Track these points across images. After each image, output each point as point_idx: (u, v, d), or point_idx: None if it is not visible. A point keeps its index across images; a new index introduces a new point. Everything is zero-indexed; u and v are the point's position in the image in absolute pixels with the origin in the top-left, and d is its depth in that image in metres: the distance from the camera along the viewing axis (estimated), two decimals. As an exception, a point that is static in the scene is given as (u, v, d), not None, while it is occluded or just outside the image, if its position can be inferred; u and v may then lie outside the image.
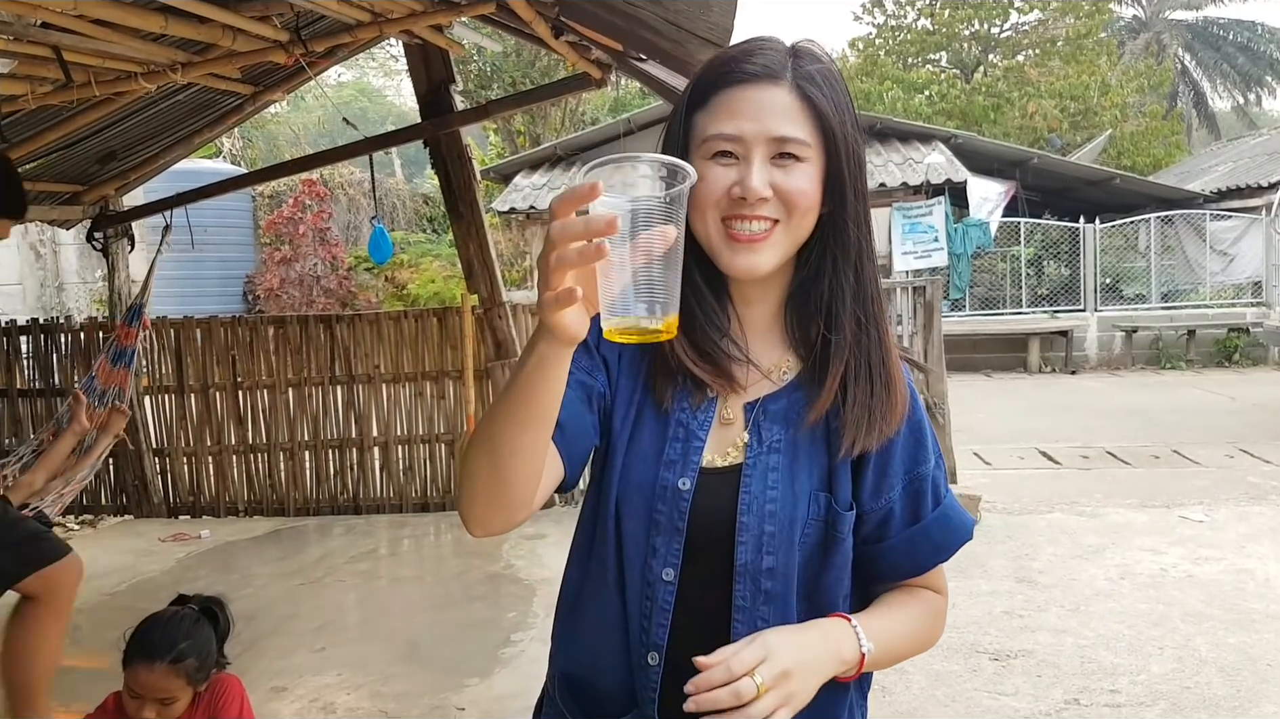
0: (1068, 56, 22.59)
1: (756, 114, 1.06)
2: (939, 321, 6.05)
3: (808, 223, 1.10)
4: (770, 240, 1.08)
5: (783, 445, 1.12)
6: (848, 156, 1.09)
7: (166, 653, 2.21)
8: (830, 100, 1.08)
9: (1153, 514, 5.84)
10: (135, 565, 5.48)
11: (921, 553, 1.18)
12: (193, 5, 2.69)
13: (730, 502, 1.11)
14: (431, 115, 5.38)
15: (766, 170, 1.06)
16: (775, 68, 1.07)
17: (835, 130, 1.08)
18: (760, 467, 1.11)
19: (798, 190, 1.07)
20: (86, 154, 5.48)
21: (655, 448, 1.13)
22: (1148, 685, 3.60)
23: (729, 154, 1.07)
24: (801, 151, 1.07)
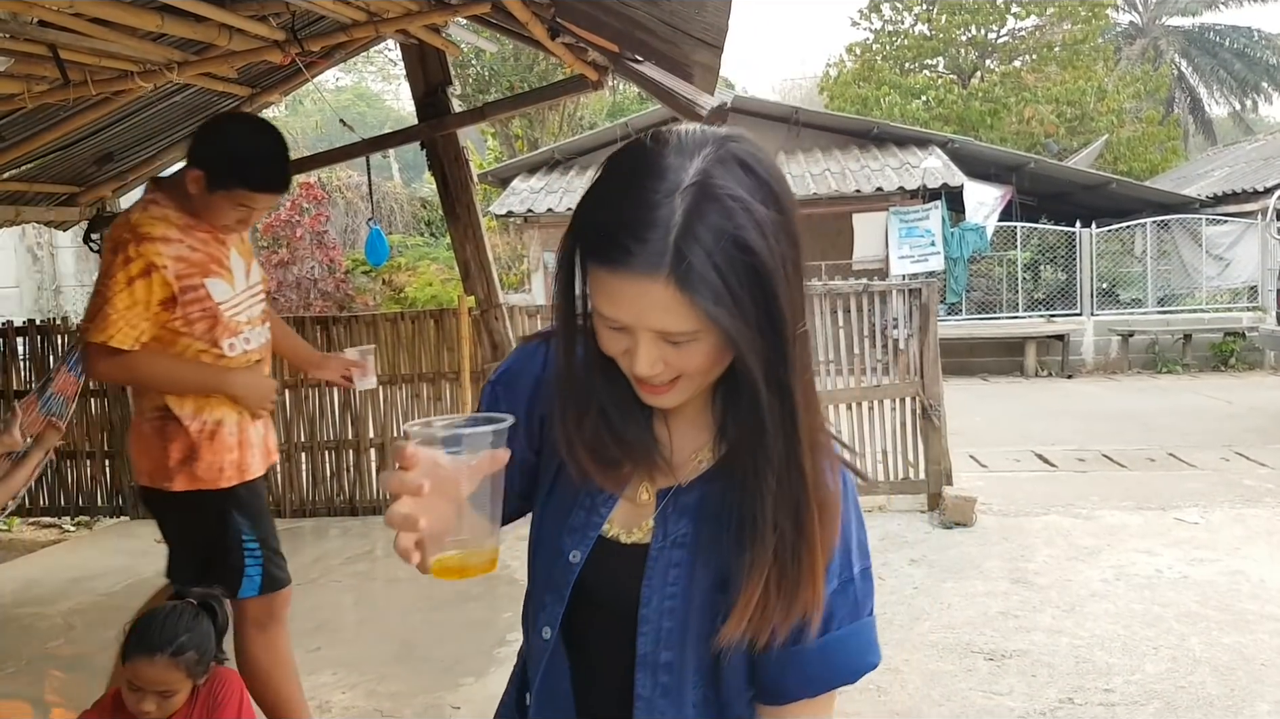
0: (1064, 62, 22.66)
1: (634, 307, 0.94)
2: (935, 324, 6.06)
3: (715, 373, 1.02)
4: (675, 388, 1.01)
5: (687, 541, 1.08)
6: (749, 341, 0.94)
7: (167, 646, 2.21)
8: (714, 290, 0.91)
9: (1148, 516, 5.85)
10: (132, 566, 5.48)
11: (790, 678, 1.09)
12: (189, 4, 2.70)
13: (632, 579, 1.10)
14: (428, 117, 5.38)
15: (656, 349, 0.97)
16: (654, 258, 0.90)
17: (725, 323, 0.92)
18: (663, 561, 1.09)
19: (690, 364, 0.98)
20: (83, 155, 5.48)
21: (564, 509, 1.14)
22: (1142, 685, 3.61)
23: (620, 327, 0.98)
24: (690, 338, 0.96)
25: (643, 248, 0.90)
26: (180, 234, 2.52)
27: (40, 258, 14.16)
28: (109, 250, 2.50)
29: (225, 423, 2.67)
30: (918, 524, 5.82)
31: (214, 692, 2.35)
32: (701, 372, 1.00)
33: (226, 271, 2.62)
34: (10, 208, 5.59)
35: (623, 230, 0.91)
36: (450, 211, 5.68)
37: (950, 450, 6.21)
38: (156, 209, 2.53)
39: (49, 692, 3.79)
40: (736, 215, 0.91)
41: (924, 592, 4.68)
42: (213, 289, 2.57)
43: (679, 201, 0.90)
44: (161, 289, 2.48)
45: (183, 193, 2.54)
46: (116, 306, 2.44)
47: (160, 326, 2.52)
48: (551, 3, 3.47)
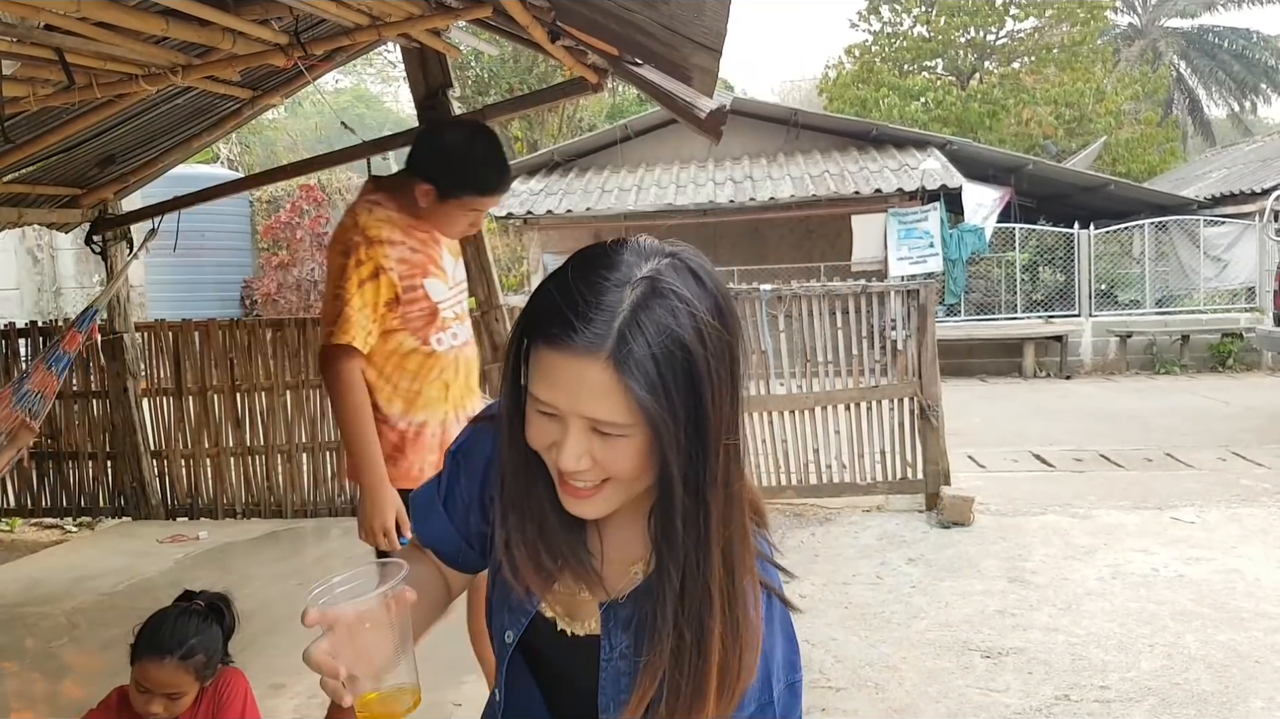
0: (1063, 64, 22.71)
1: (570, 389, 0.95)
2: (932, 325, 6.09)
3: (640, 483, 1.01)
4: (601, 495, 1.01)
5: (630, 653, 1.10)
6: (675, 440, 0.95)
7: (176, 649, 2.25)
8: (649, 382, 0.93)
9: (1145, 516, 5.88)
10: (133, 567, 5.50)
11: None
12: (193, 8, 2.73)
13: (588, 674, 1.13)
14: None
15: (584, 441, 0.97)
16: (596, 340, 0.93)
17: (655, 418, 0.94)
18: (612, 671, 1.12)
19: (617, 463, 0.98)
20: (86, 157, 5.51)
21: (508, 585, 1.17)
22: (1137, 682, 3.64)
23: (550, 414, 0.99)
24: (620, 431, 0.96)
25: (587, 327, 0.93)
26: (403, 235, 2.58)
27: (40, 260, 14.18)
28: (338, 253, 2.55)
29: (429, 425, 2.71)
30: (916, 523, 5.85)
31: (220, 692, 2.38)
32: (627, 476, 0.99)
33: (441, 270, 2.68)
34: (13, 210, 5.62)
35: (571, 309, 0.94)
36: (450, 213, 5.70)
37: (948, 450, 6.25)
38: (381, 211, 2.58)
39: (52, 691, 3.82)
40: (680, 315, 0.94)
41: (921, 590, 4.71)
42: (431, 289, 2.62)
43: (628, 292, 0.94)
44: (388, 290, 2.53)
45: (405, 194, 2.59)
46: (353, 307, 2.49)
47: (381, 327, 2.58)
48: (551, 6, 3.50)
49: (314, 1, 2.72)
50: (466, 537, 1.24)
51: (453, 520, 1.23)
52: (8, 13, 2.49)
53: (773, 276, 12.40)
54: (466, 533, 1.23)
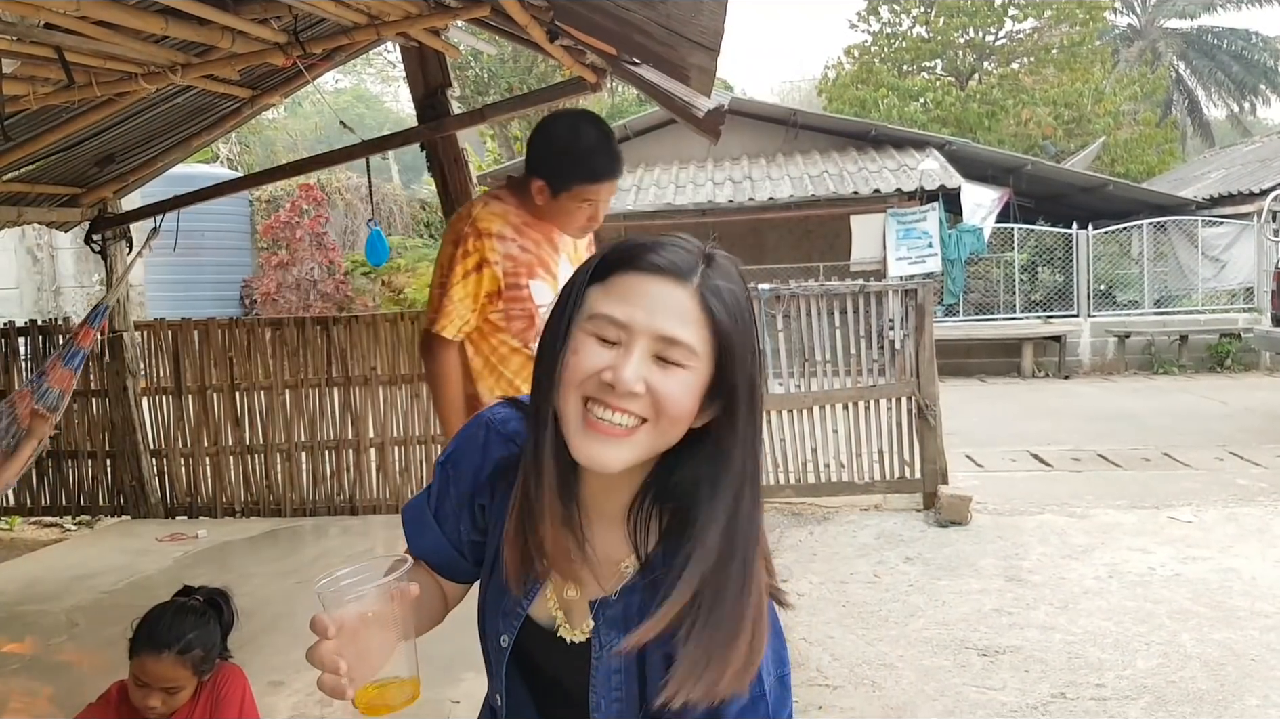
0: (1062, 64, 22.72)
1: (651, 306, 1.00)
2: (930, 324, 6.10)
3: (676, 431, 1.03)
4: (631, 439, 1.02)
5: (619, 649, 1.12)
6: (741, 376, 1.02)
7: (174, 643, 2.26)
8: (731, 315, 1.01)
9: (1142, 515, 5.90)
10: (133, 565, 5.51)
11: None
12: (193, 7, 2.74)
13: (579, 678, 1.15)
14: (428, 119, 5.42)
15: (644, 366, 1.00)
16: (684, 268, 1.01)
17: (729, 345, 1.01)
18: (604, 668, 1.14)
19: (671, 395, 1.00)
20: (85, 157, 5.52)
21: (499, 592, 1.20)
22: (1133, 680, 3.65)
23: (610, 340, 1.01)
24: (686, 359, 1.00)
25: (675, 259, 1.02)
26: (515, 233, 2.59)
27: (40, 259, 14.19)
28: (449, 243, 2.58)
29: None
30: (914, 523, 5.86)
31: (218, 688, 2.39)
32: (674, 413, 1.01)
33: (551, 277, 2.67)
34: (12, 209, 5.63)
35: (658, 246, 1.03)
36: (450, 213, 5.72)
37: (947, 450, 6.26)
38: (497, 205, 2.60)
39: (52, 688, 3.83)
40: (736, 280, 1.05)
41: (919, 589, 4.72)
42: (535, 291, 2.63)
43: (699, 249, 1.05)
44: (490, 283, 2.55)
45: (525, 193, 2.60)
46: (453, 298, 2.53)
47: (483, 319, 2.60)
48: (549, 6, 3.51)
49: (313, 0, 2.73)
50: (458, 546, 1.25)
51: (444, 531, 1.25)
52: (8, 11, 2.50)
53: (771, 276, 12.40)
54: (458, 543, 1.25)
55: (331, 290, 15.05)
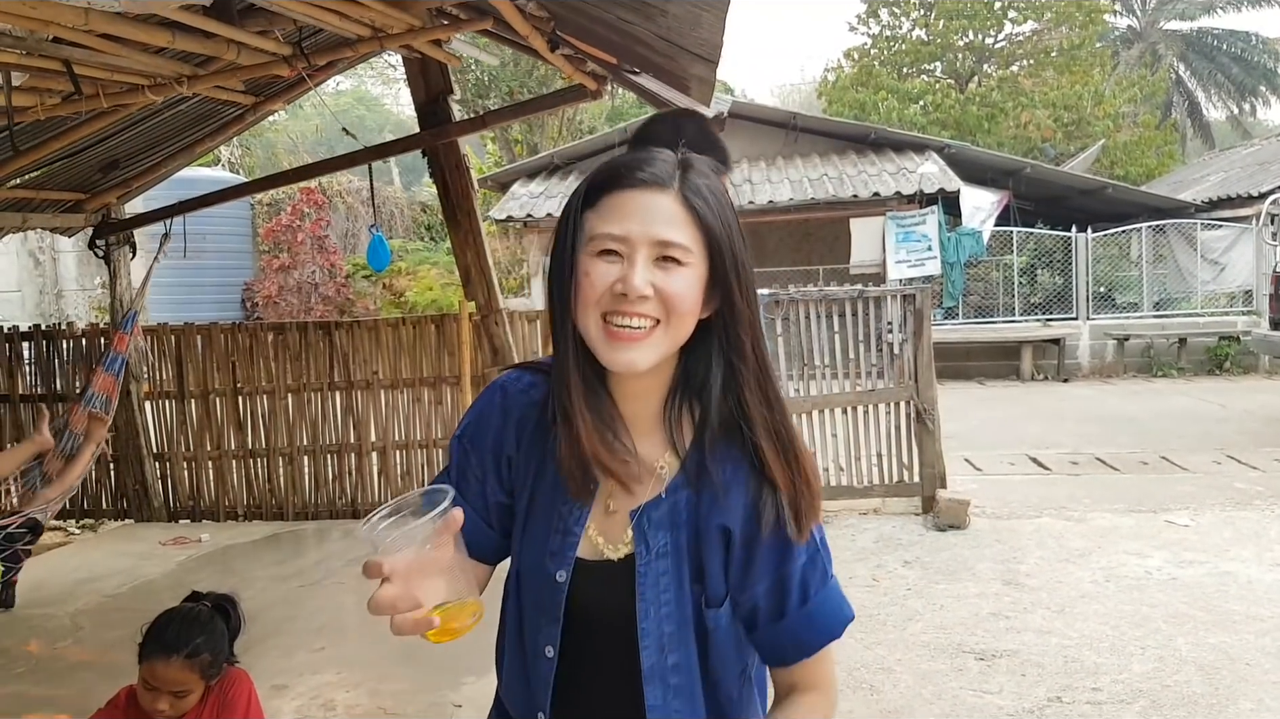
0: (1061, 67, 22.75)
1: (643, 217, 1.11)
2: (929, 329, 6.14)
3: (687, 325, 1.14)
4: (650, 339, 1.12)
5: (669, 549, 1.18)
6: (731, 263, 1.13)
7: (183, 648, 2.30)
8: (714, 211, 1.13)
9: (1139, 519, 5.93)
10: (136, 568, 5.55)
11: (785, 649, 1.22)
12: (198, 21, 2.78)
13: (624, 594, 1.19)
14: (429, 125, 5.46)
15: (649, 270, 1.11)
16: (663, 177, 1.12)
17: (718, 238, 1.13)
18: (652, 573, 1.18)
19: (676, 293, 1.11)
20: (89, 163, 5.57)
21: (542, 535, 1.23)
22: (1129, 684, 3.68)
23: (614, 253, 1.12)
24: (683, 256, 1.11)
25: (655, 170, 1.13)
26: None
27: (42, 262, 14.24)
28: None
29: None
30: (912, 526, 5.89)
31: (225, 691, 2.42)
32: (681, 309, 1.12)
33: None
34: (17, 214, 5.68)
35: (637, 163, 1.14)
36: (451, 218, 5.76)
37: (945, 454, 6.29)
38: None
39: (58, 692, 3.86)
40: (711, 177, 1.16)
41: (917, 593, 4.76)
42: None
43: (675, 158, 1.15)
44: None
45: None
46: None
47: None
48: (551, 16, 3.55)
49: (317, 15, 2.77)
50: (485, 516, 1.28)
51: (469, 500, 1.26)
52: (18, 26, 2.53)
53: (771, 279, 12.43)
54: (484, 512, 1.28)
55: (333, 293, 15.09)
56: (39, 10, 2.37)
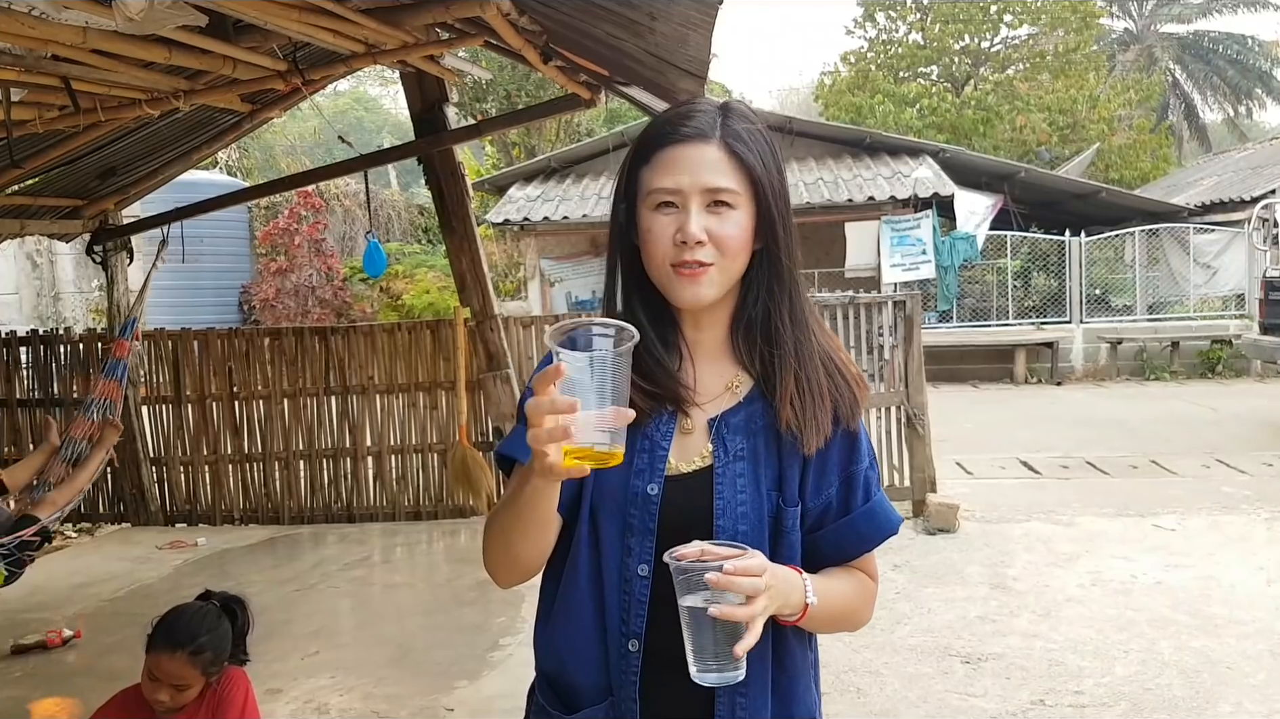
0: (1057, 71, 22.82)
1: (692, 169, 1.23)
2: (919, 335, 6.20)
3: (741, 261, 1.27)
4: (708, 275, 1.25)
5: (746, 453, 1.28)
6: (775, 199, 1.27)
7: (187, 643, 2.38)
8: (755, 153, 1.25)
9: (1127, 523, 5.99)
10: (133, 572, 5.60)
11: (849, 542, 1.34)
12: (194, 39, 2.83)
13: (702, 503, 1.27)
14: (426, 133, 5.52)
15: (702, 217, 1.23)
16: (706, 129, 1.25)
17: (761, 179, 1.25)
18: (729, 474, 1.27)
19: (729, 236, 1.24)
20: (87, 170, 5.62)
21: (625, 458, 1.24)
22: (1111, 687, 3.74)
23: (670, 204, 1.24)
24: (733, 199, 1.24)
25: (698, 124, 1.25)
26: None
27: (40, 265, 14.26)
28: None
29: None
30: (902, 530, 5.91)
31: (223, 689, 2.49)
32: (733, 252, 1.24)
33: None
34: (15, 221, 5.72)
35: (681, 118, 1.27)
36: (447, 225, 5.83)
37: (937, 457, 6.35)
38: None
39: (57, 694, 3.91)
40: (752, 119, 1.29)
41: (905, 596, 4.81)
42: None
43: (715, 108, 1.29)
44: None
45: None
46: None
47: None
48: (543, 30, 3.61)
49: (311, 33, 2.82)
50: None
51: None
52: (18, 45, 2.59)
53: (766, 283, 12.47)
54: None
55: (330, 297, 15.13)
56: (38, 30, 2.42)
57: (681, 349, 1.33)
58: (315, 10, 2.76)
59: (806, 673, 1.37)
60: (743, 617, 1.13)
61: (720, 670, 1.16)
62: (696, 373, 1.32)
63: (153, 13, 2.31)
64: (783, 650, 1.31)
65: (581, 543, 1.30)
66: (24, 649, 4.31)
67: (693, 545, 1.16)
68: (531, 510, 1.21)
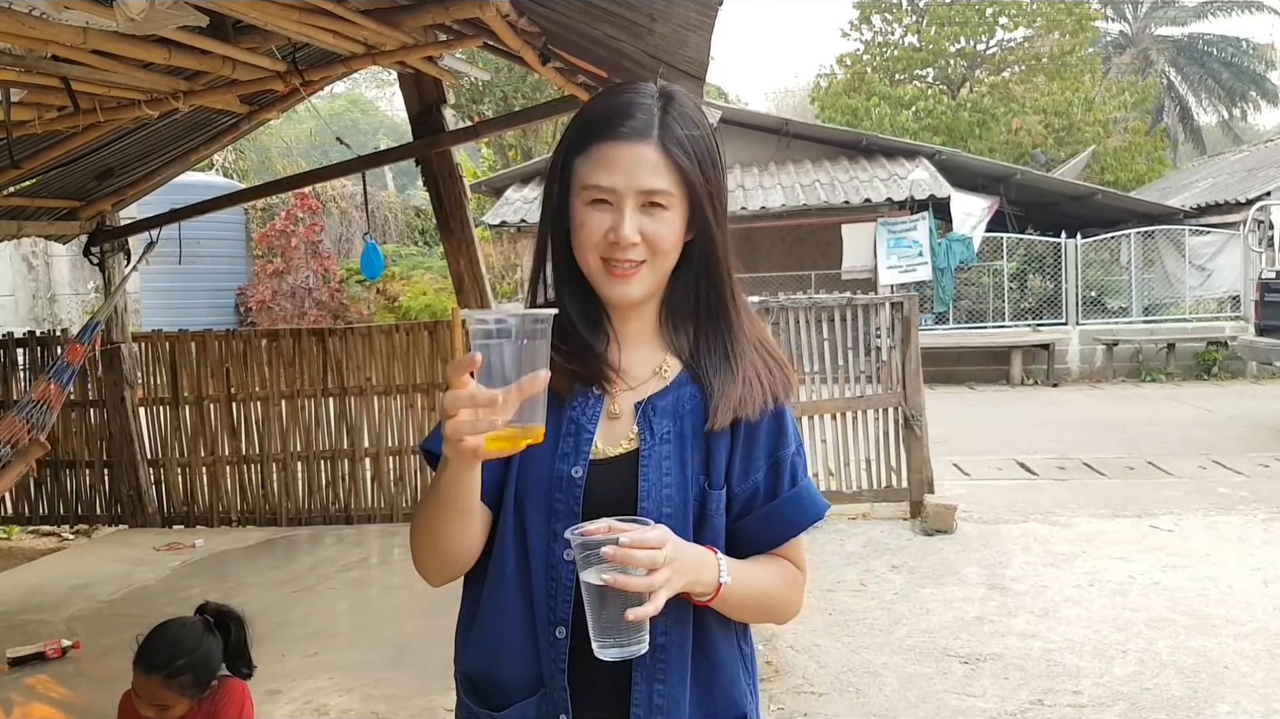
0: (1052, 73, 22.88)
1: (628, 170, 1.22)
2: (916, 336, 6.21)
3: (673, 258, 1.28)
4: (640, 274, 1.26)
5: (672, 436, 1.28)
6: (707, 198, 1.26)
7: (162, 667, 2.35)
8: (691, 153, 1.24)
9: (1124, 524, 6.00)
10: (131, 574, 5.59)
11: (775, 527, 1.34)
12: (194, 39, 2.84)
13: (627, 487, 1.26)
14: (423, 135, 5.52)
15: (636, 218, 1.22)
16: (643, 128, 1.23)
17: (695, 181, 1.24)
18: (655, 457, 1.27)
19: (662, 236, 1.24)
20: (85, 171, 5.61)
21: (550, 443, 1.26)
22: (1109, 687, 3.75)
23: (604, 202, 1.23)
24: (666, 200, 1.23)
25: (635, 122, 1.23)
26: None
27: (35, 266, 14.23)
28: None
29: None
30: (900, 531, 5.96)
31: (216, 703, 2.45)
32: (666, 248, 1.24)
33: None
34: (12, 222, 5.72)
35: (619, 113, 1.24)
36: (445, 226, 5.82)
37: (934, 458, 6.36)
38: None
39: (54, 696, 3.91)
40: (692, 113, 1.27)
41: (904, 597, 4.82)
42: None
43: (656, 100, 1.26)
44: None
45: None
46: None
47: None
48: (542, 32, 3.61)
49: (310, 33, 2.82)
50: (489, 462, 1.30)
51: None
52: (17, 45, 2.59)
53: (764, 285, 12.51)
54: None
55: (326, 298, 15.11)
56: (39, 30, 2.42)
57: (609, 332, 1.33)
58: (315, 11, 2.76)
59: (734, 662, 1.34)
60: (638, 587, 1.11)
61: (620, 645, 1.15)
62: (623, 357, 1.32)
63: (154, 13, 2.31)
64: (705, 639, 1.30)
65: (508, 533, 1.29)
66: (21, 661, 4.26)
67: (600, 522, 1.15)
68: (454, 498, 1.19)
